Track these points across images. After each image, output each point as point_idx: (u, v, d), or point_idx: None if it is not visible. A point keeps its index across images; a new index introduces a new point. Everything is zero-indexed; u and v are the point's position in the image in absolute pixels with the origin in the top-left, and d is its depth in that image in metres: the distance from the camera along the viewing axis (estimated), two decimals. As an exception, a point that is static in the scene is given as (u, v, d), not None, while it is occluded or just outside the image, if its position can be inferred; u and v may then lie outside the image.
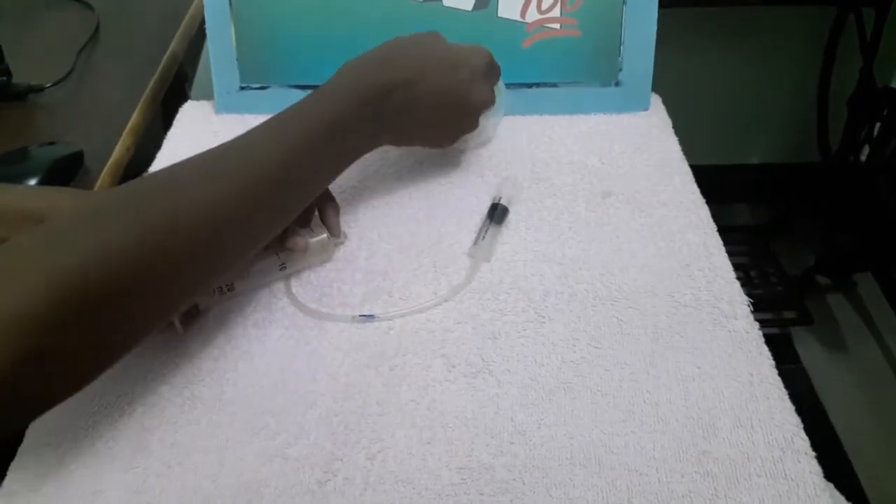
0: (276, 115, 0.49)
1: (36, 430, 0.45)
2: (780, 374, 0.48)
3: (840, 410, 1.35)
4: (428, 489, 0.42)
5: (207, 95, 0.72)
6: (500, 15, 0.68)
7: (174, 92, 0.84)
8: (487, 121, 0.63)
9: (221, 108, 0.72)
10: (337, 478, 0.43)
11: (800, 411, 0.46)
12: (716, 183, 0.74)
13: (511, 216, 0.60)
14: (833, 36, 1.42)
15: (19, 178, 0.62)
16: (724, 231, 0.58)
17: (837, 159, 1.45)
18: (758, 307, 0.53)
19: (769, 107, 1.59)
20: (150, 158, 0.67)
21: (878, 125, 1.34)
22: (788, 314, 1.49)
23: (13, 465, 0.44)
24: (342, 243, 0.58)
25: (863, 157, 1.39)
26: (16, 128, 0.73)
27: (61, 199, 0.48)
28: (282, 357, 0.50)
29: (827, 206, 1.51)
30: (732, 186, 1.62)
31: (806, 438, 0.44)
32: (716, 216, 0.60)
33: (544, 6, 0.68)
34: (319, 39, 0.69)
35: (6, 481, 0.43)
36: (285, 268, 0.54)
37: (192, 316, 0.51)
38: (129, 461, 0.44)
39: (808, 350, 1.46)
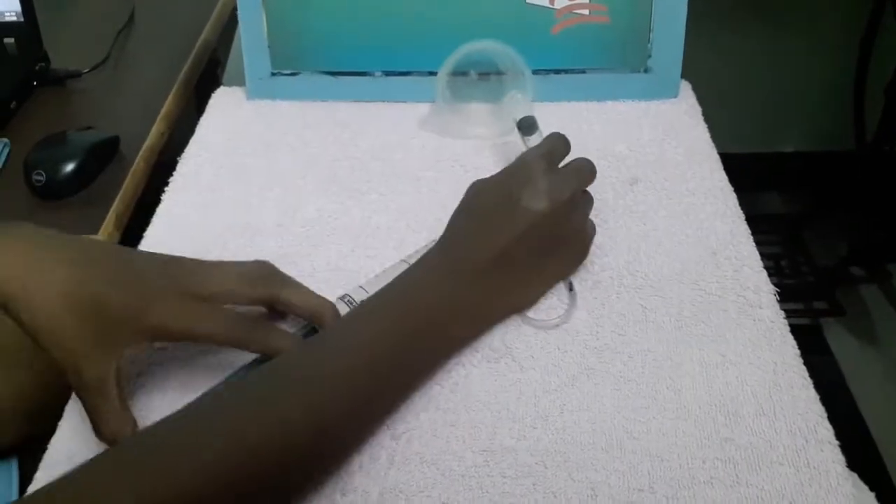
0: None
1: (77, 403, 0.47)
2: (810, 365, 0.48)
3: (871, 402, 1.33)
4: (451, 470, 0.43)
5: (239, 81, 0.73)
6: (529, 1, 0.68)
7: (207, 78, 0.85)
8: (514, 108, 0.63)
9: (253, 94, 0.73)
10: (363, 457, 0.44)
11: (829, 403, 0.46)
12: (748, 171, 0.74)
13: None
14: (871, 21, 1.39)
15: (58, 162, 0.64)
16: (755, 220, 0.58)
17: (873, 148, 1.42)
18: (789, 297, 0.53)
19: (803, 94, 1.56)
20: (184, 144, 0.68)
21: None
22: (819, 305, 1.47)
23: (55, 436, 0.46)
24: None
25: (899, 147, 1.37)
26: (55, 112, 0.75)
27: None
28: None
29: (861, 195, 1.48)
30: (765, 175, 1.61)
31: (830, 428, 0.44)
32: (747, 205, 0.60)
33: (573, -8, 0.68)
34: (350, 26, 0.70)
35: (48, 453, 0.45)
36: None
37: None
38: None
39: (840, 341, 1.44)
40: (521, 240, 0.48)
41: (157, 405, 0.47)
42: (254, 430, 0.38)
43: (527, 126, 0.60)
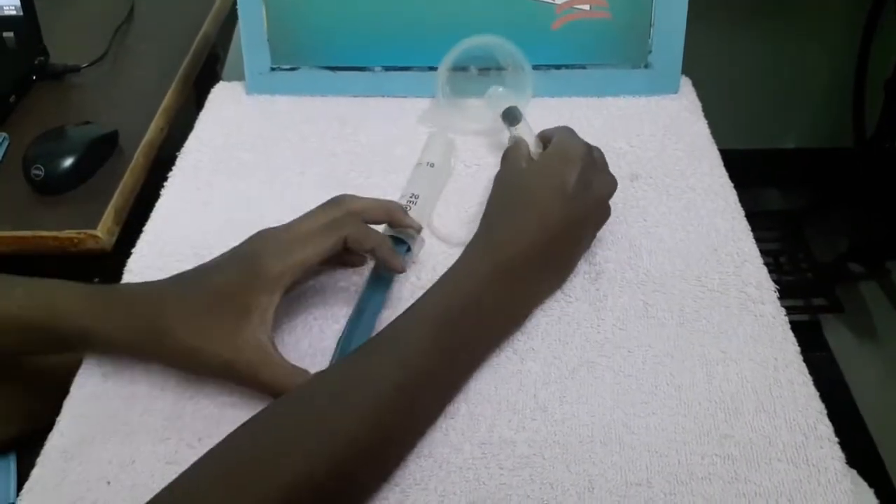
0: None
1: (73, 400, 0.47)
2: (809, 361, 0.48)
3: (869, 399, 1.33)
4: (449, 462, 0.43)
5: (239, 76, 0.73)
6: (529, -4, 0.68)
7: (206, 73, 0.85)
8: (497, 102, 0.62)
9: (252, 89, 0.73)
10: (362, 451, 0.44)
11: (828, 399, 0.46)
12: (748, 167, 0.74)
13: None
14: (871, 17, 1.39)
15: (57, 157, 0.64)
16: (754, 216, 0.58)
17: (873, 145, 1.42)
18: (788, 294, 0.52)
19: (803, 90, 1.56)
20: (183, 139, 0.68)
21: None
22: (818, 301, 1.47)
23: (51, 433, 0.46)
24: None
25: (899, 144, 1.37)
26: (53, 107, 0.75)
27: (64, 298, 0.46)
28: (311, 335, 0.51)
29: (861, 192, 1.48)
30: (765, 171, 1.60)
31: (829, 424, 0.44)
32: (747, 201, 0.60)
33: (574, -13, 0.68)
34: (350, 21, 0.70)
35: (44, 449, 0.45)
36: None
37: None
38: (162, 432, 0.45)
39: (838, 338, 1.44)
40: (571, 228, 0.50)
41: (157, 399, 0.47)
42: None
43: (511, 116, 0.60)
